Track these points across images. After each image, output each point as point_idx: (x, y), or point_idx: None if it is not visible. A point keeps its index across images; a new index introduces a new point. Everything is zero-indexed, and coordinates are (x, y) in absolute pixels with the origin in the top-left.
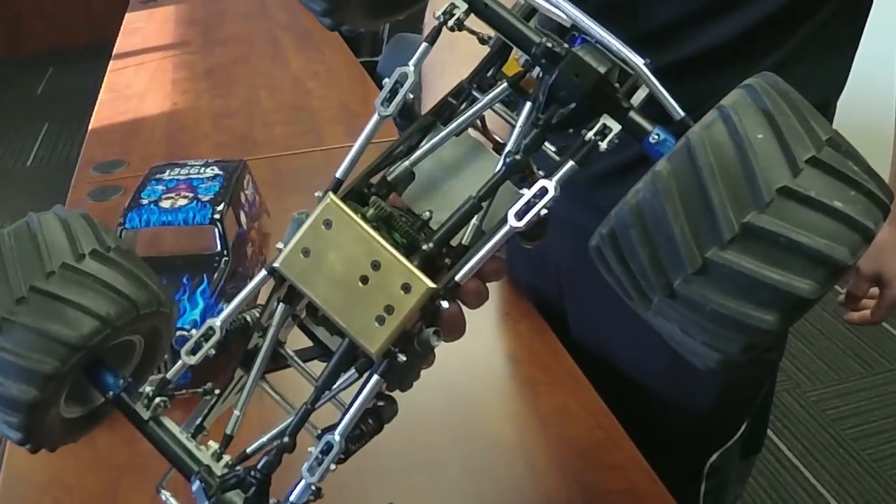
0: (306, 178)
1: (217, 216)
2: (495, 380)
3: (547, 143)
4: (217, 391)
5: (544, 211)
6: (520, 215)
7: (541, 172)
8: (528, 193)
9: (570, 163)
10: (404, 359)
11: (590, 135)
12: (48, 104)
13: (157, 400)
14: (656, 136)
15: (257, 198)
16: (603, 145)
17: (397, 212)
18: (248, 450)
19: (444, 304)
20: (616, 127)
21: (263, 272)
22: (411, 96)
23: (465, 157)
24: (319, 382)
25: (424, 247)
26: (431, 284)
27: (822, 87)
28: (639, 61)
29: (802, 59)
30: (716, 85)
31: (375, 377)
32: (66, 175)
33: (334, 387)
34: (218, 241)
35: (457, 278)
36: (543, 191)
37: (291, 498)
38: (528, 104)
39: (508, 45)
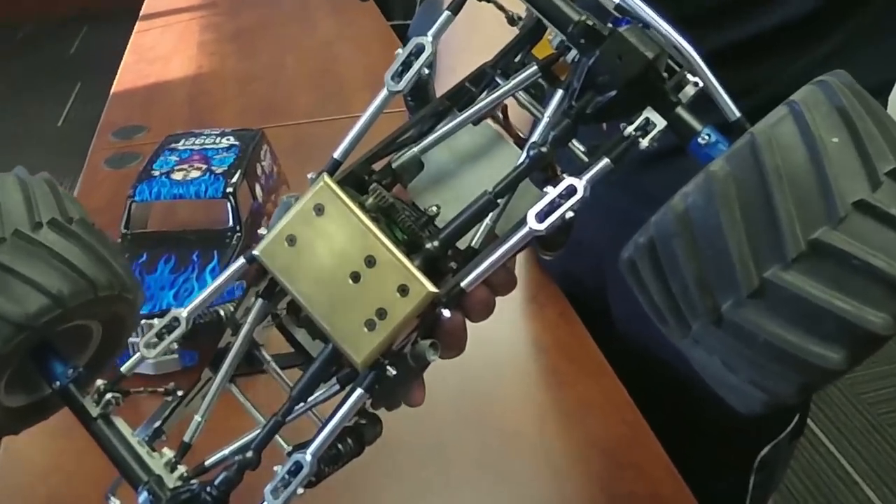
0: (330, 147)
1: (230, 189)
2: (516, 368)
3: (575, 142)
4: (180, 392)
5: (570, 214)
6: (541, 217)
7: (565, 175)
8: (552, 192)
9: (605, 160)
10: (394, 373)
11: (629, 130)
12: (81, 64)
13: (108, 396)
14: (706, 137)
15: (275, 168)
16: (644, 143)
17: (400, 204)
18: (207, 462)
19: (446, 312)
20: (660, 123)
21: (241, 260)
22: (426, 71)
23: (482, 148)
24: (294, 392)
25: (428, 245)
26: (432, 289)
27: (885, 67)
28: (692, 51)
29: (864, 40)
30: (771, 70)
31: (359, 391)
32: None
33: (311, 398)
34: (230, 216)
35: (462, 284)
36: (571, 190)
37: None
38: (560, 92)
39: (541, 27)
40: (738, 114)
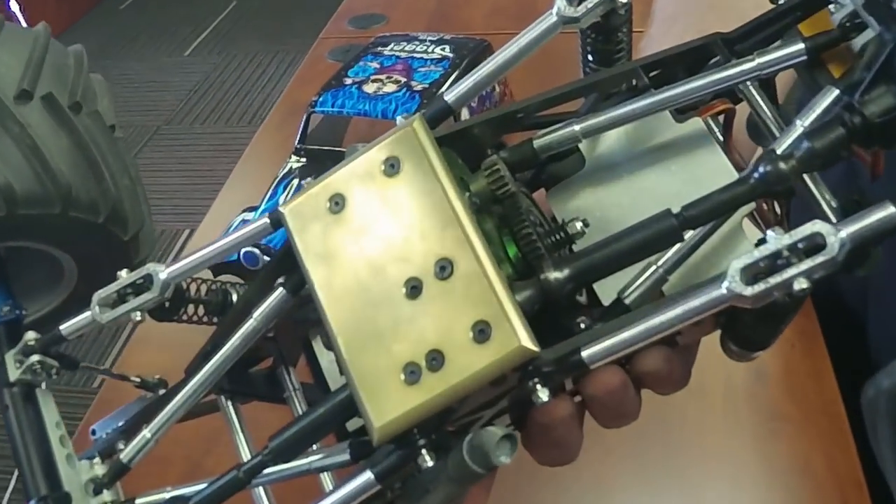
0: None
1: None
2: (719, 397)
3: (823, 188)
4: (163, 390)
5: (802, 285)
6: (752, 274)
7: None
8: (781, 239)
9: (891, 209)
10: (429, 465)
11: None
12: None
13: (34, 359)
14: None
15: (499, 90)
16: None
17: (528, 202)
18: (139, 501)
19: (542, 394)
20: None
21: (264, 220)
22: (623, 1)
23: (679, 149)
24: (273, 444)
25: (544, 275)
26: (530, 344)
27: None
28: None
29: None
30: None
31: (366, 475)
32: None
33: (305, 461)
34: None
35: (584, 354)
36: (813, 244)
37: None
38: (835, 92)
39: None
40: None
